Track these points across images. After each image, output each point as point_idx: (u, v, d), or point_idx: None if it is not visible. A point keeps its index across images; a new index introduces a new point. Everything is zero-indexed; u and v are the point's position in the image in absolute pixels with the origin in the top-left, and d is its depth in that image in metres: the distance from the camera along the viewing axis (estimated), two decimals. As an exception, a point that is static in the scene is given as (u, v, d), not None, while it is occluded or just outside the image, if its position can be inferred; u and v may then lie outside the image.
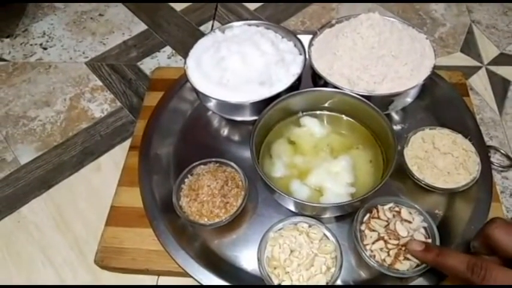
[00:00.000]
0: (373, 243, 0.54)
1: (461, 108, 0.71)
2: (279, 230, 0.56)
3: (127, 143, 0.75)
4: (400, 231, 0.53)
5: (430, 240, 0.53)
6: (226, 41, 0.69)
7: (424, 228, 0.55)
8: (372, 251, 0.54)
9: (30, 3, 1.03)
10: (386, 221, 0.55)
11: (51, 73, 0.89)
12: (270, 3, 1.01)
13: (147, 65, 0.89)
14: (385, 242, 0.53)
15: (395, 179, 0.63)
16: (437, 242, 0.53)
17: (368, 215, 0.56)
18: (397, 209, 0.56)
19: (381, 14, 0.66)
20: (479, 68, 0.86)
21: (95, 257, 0.60)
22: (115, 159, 0.74)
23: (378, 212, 0.56)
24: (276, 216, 0.61)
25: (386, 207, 0.56)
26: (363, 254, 0.53)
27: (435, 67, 0.64)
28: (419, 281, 0.54)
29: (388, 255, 0.53)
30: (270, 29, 0.73)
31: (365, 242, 0.54)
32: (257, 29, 0.72)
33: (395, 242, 0.53)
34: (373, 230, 0.55)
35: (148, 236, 0.60)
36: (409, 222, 0.54)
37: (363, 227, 0.55)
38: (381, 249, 0.53)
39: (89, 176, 0.73)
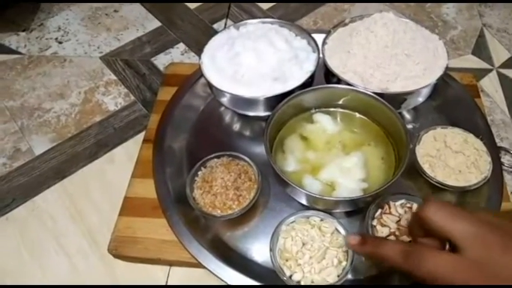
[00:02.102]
0: (384, 238, 0.54)
1: (473, 108, 0.72)
2: (291, 223, 0.57)
3: (140, 136, 0.76)
4: (411, 226, 0.54)
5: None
6: (241, 38, 0.70)
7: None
8: (383, 246, 0.54)
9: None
10: (398, 217, 0.56)
11: (66, 67, 0.90)
12: (283, 3, 1.03)
13: (161, 61, 0.91)
14: (396, 237, 0.54)
15: (406, 176, 0.63)
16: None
17: (380, 210, 0.57)
18: (408, 205, 0.57)
19: (394, 16, 0.67)
20: (490, 70, 0.87)
21: (108, 245, 0.61)
22: (128, 152, 0.75)
23: (389, 207, 0.56)
24: (287, 210, 0.62)
25: (398, 203, 0.57)
26: (374, 248, 0.54)
27: (447, 68, 0.65)
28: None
29: (400, 250, 0.53)
30: (284, 27, 0.74)
31: (376, 237, 0.55)
32: (271, 27, 0.73)
33: (407, 237, 0.53)
34: (385, 226, 0.55)
35: (161, 227, 0.61)
36: (421, 217, 0.55)
37: (374, 222, 0.56)
38: (392, 243, 0.54)
39: (102, 167, 0.74)
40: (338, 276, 0.53)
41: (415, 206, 0.56)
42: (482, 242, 0.37)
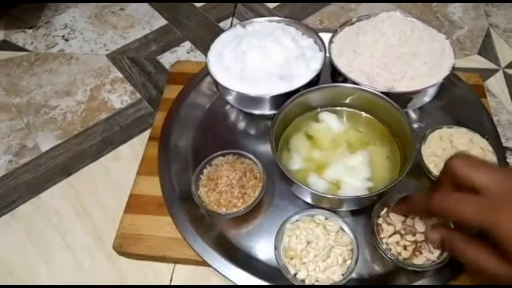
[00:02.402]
0: (389, 236, 0.54)
1: (479, 108, 0.72)
2: (296, 221, 0.57)
3: (146, 134, 0.76)
4: (417, 226, 0.54)
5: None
6: (248, 36, 0.70)
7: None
8: (387, 244, 0.54)
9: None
10: (404, 216, 0.55)
11: (72, 64, 0.91)
12: (289, 2, 1.03)
13: (167, 59, 0.91)
14: (402, 236, 0.54)
15: (411, 176, 0.62)
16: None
17: (386, 209, 0.57)
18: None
19: (400, 16, 0.67)
20: (496, 70, 0.86)
21: (114, 242, 0.61)
22: (134, 149, 0.75)
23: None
24: (291, 209, 0.62)
25: None
26: (379, 247, 0.54)
27: (454, 67, 0.65)
28: (430, 280, 0.55)
29: (404, 249, 0.53)
30: (291, 26, 0.74)
31: (381, 236, 0.55)
32: (278, 25, 0.73)
33: (412, 236, 0.53)
34: (390, 224, 0.55)
35: (166, 224, 0.61)
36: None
37: (380, 221, 0.56)
38: (397, 243, 0.54)
39: (108, 164, 0.74)
40: (343, 275, 0.53)
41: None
42: (502, 185, 0.41)
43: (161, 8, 1.02)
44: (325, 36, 0.71)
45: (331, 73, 0.69)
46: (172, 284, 0.61)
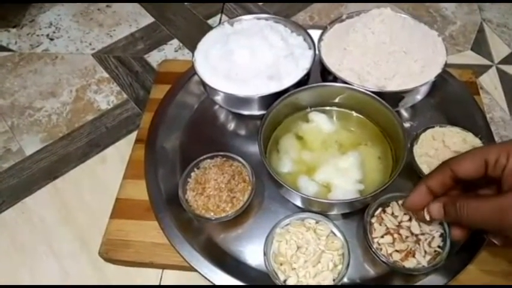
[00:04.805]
0: (381, 236, 0.53)
1: (472, 106, 0.70)
2: (286, 225, 0.56)
3: (133, 136, 0.74)
4: (412, 228, 0.53)
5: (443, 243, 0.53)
6: (235, 34, 0.69)
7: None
8: (379, 244, 0.53)
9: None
10: (399, 220, 0.54)
11: (57, 64, 0.89)
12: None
13: (154, 58, 0.89)
14: (394, 237, 0.53)
15: (403, 176, 0.61)
16: (448, 243, 0.52)
17: (380, 209, 0.56)
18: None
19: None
20: (489, 66, 0.85)
21: (100, 249, 0.60)
22: (120, 152, 0.73)
23: (392, 207, 0.55)
24: (282, 212, 0.60)
25: (401, 202, 0.55)
26: (370, 246, 0.53)
27: (446, 65, 0.64)
28: (426, 281, 0.54)
29: (396, 250, 0.52)
30: (280, 23, 0.72)
31: (373, 235, 0.54)
32: (266, 23, 0.71)
33: (405, 238, 0.52)
34: (384, 225, 0.54)
35: (153, 229, 0.60)
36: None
37: (373, 220, 0.55)
38: (389, 243, 0.53)
39: (94, 168, 0.72)
40: (333, 280, 0.51)
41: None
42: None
43: (148, 5, 1.00)
44: (315, 33, 0.69)
45: (321, 72, 0.68)
46: (160, 290, 0.60)
